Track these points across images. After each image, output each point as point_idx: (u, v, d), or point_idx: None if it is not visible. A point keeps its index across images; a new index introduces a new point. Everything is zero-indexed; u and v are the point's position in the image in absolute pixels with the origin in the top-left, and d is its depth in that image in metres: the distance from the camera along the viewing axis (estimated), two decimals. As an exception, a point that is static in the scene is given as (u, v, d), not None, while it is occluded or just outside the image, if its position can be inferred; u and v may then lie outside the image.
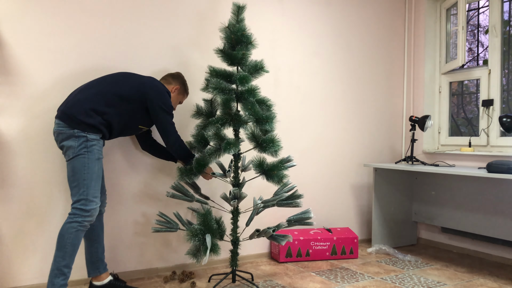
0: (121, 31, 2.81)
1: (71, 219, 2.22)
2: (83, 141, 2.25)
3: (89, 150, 2.26)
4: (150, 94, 2.44)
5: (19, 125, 2.51)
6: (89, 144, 2.26)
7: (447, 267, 3.22)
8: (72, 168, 2.25)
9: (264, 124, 2.56)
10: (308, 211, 2.66)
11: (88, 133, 2.26)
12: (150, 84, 2.46)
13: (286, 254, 3.28)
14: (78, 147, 2.24)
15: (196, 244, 2.40)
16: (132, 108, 2.42)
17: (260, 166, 2.62)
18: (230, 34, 2.59)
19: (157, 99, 2.44)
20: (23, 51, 2.52)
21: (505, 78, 3.57)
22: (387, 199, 3.77)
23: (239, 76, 2.54)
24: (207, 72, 2.67)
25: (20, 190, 2.52)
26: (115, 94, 2.36)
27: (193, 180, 2.67)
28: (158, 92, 2.46)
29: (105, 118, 2.33)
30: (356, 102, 3.91)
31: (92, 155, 2.27)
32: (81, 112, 2.26)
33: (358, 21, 3.91)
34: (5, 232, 2.49)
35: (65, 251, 2.19)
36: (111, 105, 2.34)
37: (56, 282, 2.18)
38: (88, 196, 2.24)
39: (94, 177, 2.27)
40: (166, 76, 2.72)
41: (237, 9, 2.63)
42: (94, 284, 2.51)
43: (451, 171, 2.99)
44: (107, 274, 2.54)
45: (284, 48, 3.50)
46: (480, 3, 3.96)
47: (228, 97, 2.53)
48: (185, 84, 2.75)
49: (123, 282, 2.59)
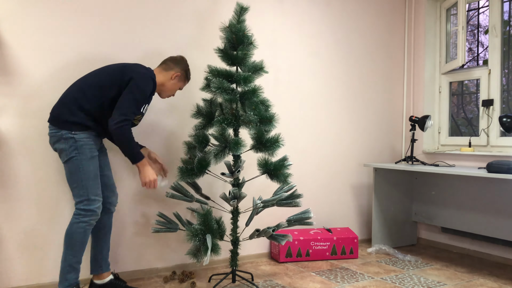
0: (120, 31, 2.81)
1: (78, 219, 2.24)
2: (72, 142, 2.22)
3: (80, 151, 2.23)
4: (129, 74, 2.29)
5: (19, 125, 2.51)
6: (78, 144, 2.23)
7: (447, 267, 3.22)
8: (69, 170, 2.25)
9: (268, 124, 2.58)
10: (308, 211, 2.66)
11: (75, 133, 2.23)
12: (132, 67, 2.34)
13: (286, 254, 3.28)
14: (69, 150, 2.22)
15: (197, 244, 2.40)
16: (114, 95, 2.29)
17: (265, 166, 2.63)
18: (231, 34, 2.59)
19: (133, 80, 2.27)
20: (22, 51, 2.52)
21: (505, 78, 3.57)
22: (387, 199, 3.77)
23: (243, 76, 2.55)
24: (207, 72, 2.66)
25: (20, 190, 2.52)
26: (94, 86, 2.27)
27: (194, 180, 2.67)
28: (138, 74, 2.30)
29: (89, 113, 2.26)
30: (356, 102, 3.91)
31: (84, 155, 2.24)
32: (64, 112, 2.23)
33: (358, 21, 3.91)
34: (5, 232, 2.49)
35: (75, 249, 2.24)
36: (92, 98, 2.26)
37: (69, 277, 2.24)
38: (89, 196, 2.25)
39: (91, 176, 2.26)
40: (167, 61, 2.55)
41: (240, 10, 2.62)
42: (95, 282, 2.51)
43: (451, 171, 2.99)
44: (109, 273, 2.54)
45: (284, 48, 3.50)
46: (480, 3, 3.96)
47: (232, 97, 2.53)
48: (187, 70, 2.59)
49: (124, 282, 2.59)
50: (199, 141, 2.62)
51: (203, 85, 2.74)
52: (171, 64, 2.54)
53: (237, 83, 2.59)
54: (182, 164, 2.66)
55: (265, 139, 2.60)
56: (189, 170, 2.60)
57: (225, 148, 2.54)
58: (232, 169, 2.57)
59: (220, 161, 2.54)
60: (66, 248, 2.24)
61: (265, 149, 2.61)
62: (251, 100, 2.57)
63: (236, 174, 2.56)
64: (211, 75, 2.62)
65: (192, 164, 2.63)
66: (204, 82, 2.73)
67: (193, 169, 2.60)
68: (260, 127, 2.59)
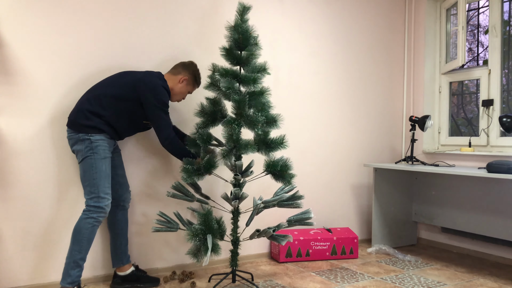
0: (121, 30, 2.81)
1: (87, 215, 2.35)
2: (88, 143, 2.38)
3: (95, 151, 2.38)
4: (142, 90, 2.45)
5: (19, 125, 2.51)
6: (93, 145, 2.38)
7: (447, 267, 3.23)
8: (83, 169, 2.40)
9: (273, 125, 2.62)
10: (308, 211, 2.66)
11: (91, 135, 2.38)
12: (144, 80, 2.47)
13: (286, 254, 3.28)
14: (85, 150, 2.38)
15: (197, 244, 2.40)
16: (129, 106, 2.47)
17: (272, 167, 2.63)
18: (238, 34, 2.59)
19: (149, 95, 2.45)
20: (23, 51, 2.52)
21: (505, 78, 3.57)
22: (387, 199, 3.77)
23: (253, 77, 2.58)
24: (211, 70, 2.66)
25: (20, 190, 2.52)
26: (109, 96, 2.43)
27: (200, 180, 2.64)
28: (151, 88, 2.46)
29: (105, 119, 2.42)
30: (356, 102, 3.91)
31: (98, 155, 2.39)
32: (81, 117, 2.39)
33: (358, 21, 3.91)
34: (5, 232, 2.49)
35: (81, 245, 2.33)
36: (108, 107, 2.42)
37: (72, 274, 2.33)
38: (99, 194, 2.37)
39: (103, 175, 2.39)
40: (177, 65, 2.68)
41: (242, 9, 2.63)
42: (118, 274, 2.67)
43: (451, 171, 2.99)
44: (130, 265, 2.70)
45: (284, 48, 3.50)
46: (480, 3, 3.96)
47: (242, 98, 2.53)
48: (196, 74, 2.70)
49: (144, 272, 2.76)
50: (204, 140, 2.61)
51: (206, 83, 2.71)
52: (179, 68, 2.67)
53: (243, 83, 2.60)
54: (187, 164, 2.63)
55: (270, 140, 2.62)
56: (195, 170, 2.58)
57: (233, 148, 2.55)
58: (242, 170, 2.56)
59: (227, 161, 2.55)
60: (72, 243, 2.34)
61: (270, 150, 2.63)
62: (258, 101, 2.59)
63: (249, 174, 2.55)
64: (218, 74, 2.61)
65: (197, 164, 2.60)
66: (208, 81, 2.70)
67: (199, 169, 2.58)
68: (265, 127, 2.61)
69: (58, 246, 2.63)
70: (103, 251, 2.77)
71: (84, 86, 2.69)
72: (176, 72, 2.66)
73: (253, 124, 2.56)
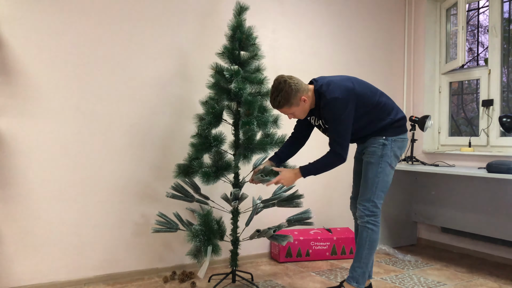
0: (121, 30, 2.81)
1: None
2: None
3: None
4: None
5: (19, 125, 2.51)
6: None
7: (447, 267, 3.23)
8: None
9: (273, 125, 2.66)
10: (308, 211, 2.66)
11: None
12: None
13: (286, 254, 3.28)
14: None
15: (197, 244, 2.40)
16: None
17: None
18: (241, 34, 2.59)
19: None
20: (23, 51, 2.52)
21: (505, 78, 3.57)
22: (387, 199, 3.77)
23: (261, 78, 2.61)
24: (213, 69, 2.64)
25: (20, 190, 2.52)
26: None
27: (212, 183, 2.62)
28: None
29: None
30: (356, 102, 3.91)
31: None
32: None
33: (358, 21, 3.91)
34: (5, 232, 2.49)
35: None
36: None
37: (361, 282, 2.36)
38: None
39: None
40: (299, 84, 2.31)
41: (240, 9, 2.63)
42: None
43: (451, 171, 2.99)
44: (367, 282, 2.56)
45: (284, 48, 3.50)
46: (480, 3, 3.96)
47: (254, 99, 2.54)
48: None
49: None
50: (218, 139, 2.58)
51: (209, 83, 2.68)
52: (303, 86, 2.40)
53: (250, 83, 2.64)
54: (206, 168, 2.59)
55: (274, 140, 2.64)
56: (214, 172, 2.56)
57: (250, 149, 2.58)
58: (267, 172, 2.51)
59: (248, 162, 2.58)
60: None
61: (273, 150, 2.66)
62: (263, 102, 2.65)
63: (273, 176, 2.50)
64: (228, 74, 2.56)
65: (211, 167, 2.58)
66: (211, 81, 2.66)
67: (216, 171, 2.57)
68: (269, 128, 2.65)
69: (58, 246, 2.63)
70: (104, 251, 2.78)
71: (83, 86, 2.69)
72: (303, 91, 2.38)
73: (264, 125, 2.58)
